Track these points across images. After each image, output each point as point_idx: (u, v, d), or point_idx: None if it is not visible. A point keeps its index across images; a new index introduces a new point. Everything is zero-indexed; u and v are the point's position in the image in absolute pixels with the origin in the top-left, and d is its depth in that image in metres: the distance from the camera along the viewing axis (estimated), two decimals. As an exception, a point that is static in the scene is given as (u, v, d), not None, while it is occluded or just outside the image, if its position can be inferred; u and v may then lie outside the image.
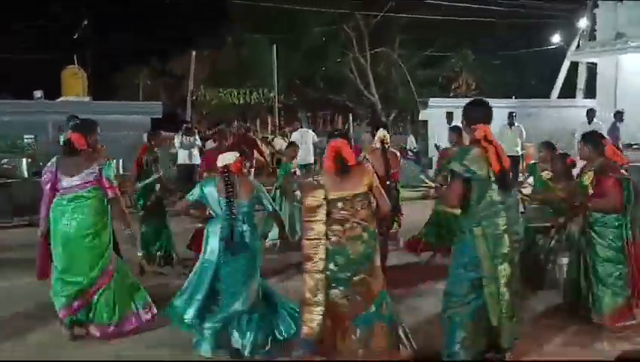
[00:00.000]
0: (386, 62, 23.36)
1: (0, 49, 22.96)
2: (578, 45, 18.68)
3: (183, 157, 11.37)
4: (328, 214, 3.78)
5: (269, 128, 20.74)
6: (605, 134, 4.87)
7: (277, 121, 16.95)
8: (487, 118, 3.84)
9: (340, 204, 3.80)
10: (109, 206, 4.62)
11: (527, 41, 22.09)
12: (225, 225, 4.10)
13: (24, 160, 10.91)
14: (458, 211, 3.82)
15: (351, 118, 17.28)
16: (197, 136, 12.04)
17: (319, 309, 3.71)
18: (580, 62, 18.28)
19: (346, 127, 17.43)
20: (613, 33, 14.14)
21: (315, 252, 3.74)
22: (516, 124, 12.44)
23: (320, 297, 3.71)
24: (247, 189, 4.23)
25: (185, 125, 12.15)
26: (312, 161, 11.35)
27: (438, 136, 13.43)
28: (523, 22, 20.74)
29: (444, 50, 22.86)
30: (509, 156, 3.95)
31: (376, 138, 5.35)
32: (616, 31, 14.05)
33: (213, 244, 4.19)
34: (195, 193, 4.27)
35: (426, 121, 15.35)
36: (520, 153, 12.38)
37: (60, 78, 17.18)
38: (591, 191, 4.67)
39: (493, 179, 3.66)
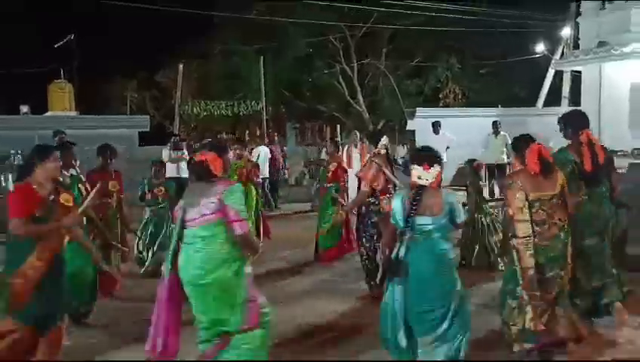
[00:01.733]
0: (372, 73, 23.50)
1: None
2: (562, 54, 18.89)
3: (171, 170, 11.32)
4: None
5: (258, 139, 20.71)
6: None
7: (265, 132, 16.93)
8: (588, 123, 4.75)
9: (537, 205, 4.05)
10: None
11: (512, 50, 22.30)
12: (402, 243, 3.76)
13: (10, 175, 10.84)
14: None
15: (339, 128, 17.30)
16: (185, 150, 12.01)
17: (543, 303, 4.00)
18: (564, 70, 18.48)
19: (335, 137, 17.46)
20: (596, 41, 14.30)
21: (526, 250, 3.97)
22: (502, 132, 12.52)
23: (538, 292, 4.00)
24: (437, 203, 3.76)
25: (173, 138, 12.13)
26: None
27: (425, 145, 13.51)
28: (507, 31, 20.95)
29: (430, 61, 23.03)
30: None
31: (380, 145, 6.00)
32: (599, 39, 14.21)
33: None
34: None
35: (414, 130, 15.44)
36: (506, 161, 12.46)
37: (46, 93, 17.14)
38: None
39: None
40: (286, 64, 21.47)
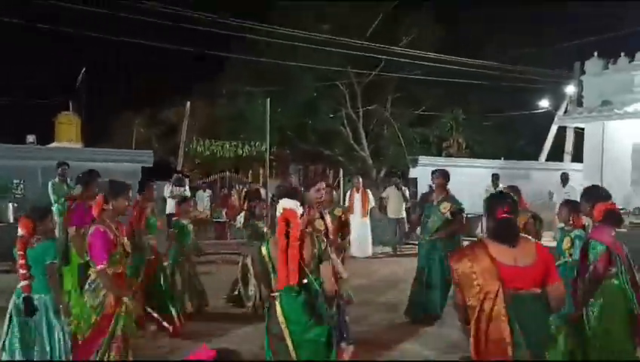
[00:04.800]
0: (378, 119, 23.67)
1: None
2: (566, 110, 19.09)
3: (172, 206, 11.33)
4: None
5: (261, 180, 20.76)
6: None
7: (267, 173, 16.95)
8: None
9: None
10: None
11: (517, 104, 22.55)
12: None
13: (10, 204, 10.84)
14: None
15: (342, 172, 17.33)
16: (187, 186, 12.04)
17: None
18: (567, 126, 18.64)
19: (337, 181, 17.47)
20: (600, 100, 14.47)
21: None
22: (501, 185, 12.57)
23: None
24: None
25: (176, 175, 12.18)
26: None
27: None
28: (513, 85, 21.22)
29: (435, 110, 23.24)
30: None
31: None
32: (603, 98, 14.38)
33: None
34: None
35: (416, 178, 15.49)
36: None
37: (53, 124, 17.28)
38: None
39: None
40: (292, 106, 21.66)
